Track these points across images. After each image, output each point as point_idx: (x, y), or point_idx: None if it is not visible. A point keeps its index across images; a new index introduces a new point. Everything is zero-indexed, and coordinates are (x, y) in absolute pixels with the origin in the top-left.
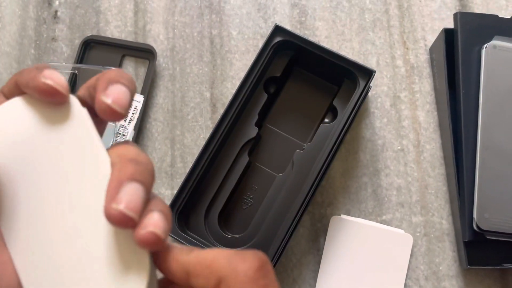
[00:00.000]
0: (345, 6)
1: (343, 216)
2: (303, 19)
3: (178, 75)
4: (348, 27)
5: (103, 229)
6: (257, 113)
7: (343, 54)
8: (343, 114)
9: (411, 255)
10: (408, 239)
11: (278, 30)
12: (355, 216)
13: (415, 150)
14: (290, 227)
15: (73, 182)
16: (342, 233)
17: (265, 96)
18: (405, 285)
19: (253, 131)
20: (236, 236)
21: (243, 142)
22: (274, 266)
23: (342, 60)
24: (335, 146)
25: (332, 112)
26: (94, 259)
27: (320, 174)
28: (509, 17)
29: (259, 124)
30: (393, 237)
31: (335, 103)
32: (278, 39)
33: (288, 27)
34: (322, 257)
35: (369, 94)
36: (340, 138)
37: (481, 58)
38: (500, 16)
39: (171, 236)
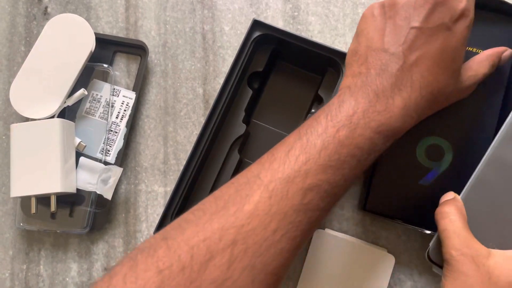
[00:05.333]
0: (338, 0)
1: (327, 230)
2: (296, 13)
3: (170, 71)
4: (341, 21)
5: None
6: (243, 110)
7: (323, 42)
8: None
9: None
10: (390, 260)
11: (256, 24)
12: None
13: None
14: None
15: None
16: (325, 247)
17: (250, 92)
18: None
19: (241, 129)
20: None
21: (232, 140)
22: None
23: (323, 48)
24: None
25: (318, 102)
26: None
27: None
28: None
29: (246, 121)
30: (375, 255)
31: (320, 92)
32: (257, 33)
33: (280, 22)
34: (303, 269)
35: None
36: None
37: None
38: None
39: None
